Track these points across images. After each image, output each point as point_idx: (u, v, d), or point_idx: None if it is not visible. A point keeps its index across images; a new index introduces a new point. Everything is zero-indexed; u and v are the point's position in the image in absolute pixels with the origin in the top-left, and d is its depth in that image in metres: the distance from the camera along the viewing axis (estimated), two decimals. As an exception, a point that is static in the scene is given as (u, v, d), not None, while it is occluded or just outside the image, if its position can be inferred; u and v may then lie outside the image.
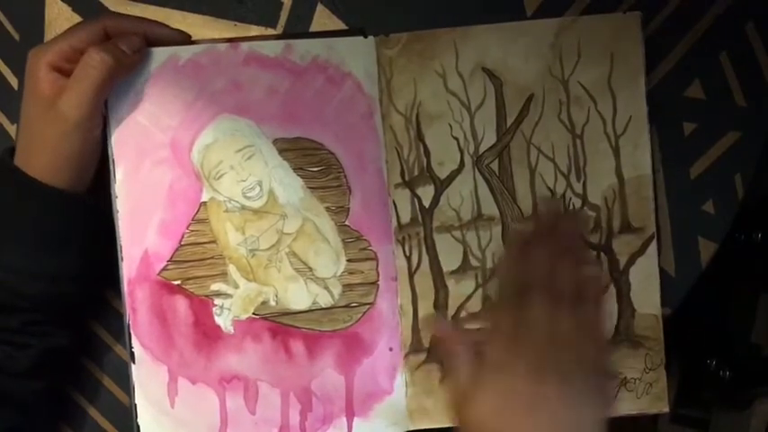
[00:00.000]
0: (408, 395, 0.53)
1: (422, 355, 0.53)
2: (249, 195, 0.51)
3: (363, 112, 0.53)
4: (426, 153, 0.53)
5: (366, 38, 0.52)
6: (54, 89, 0.47)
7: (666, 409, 0.54)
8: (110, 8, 0.54)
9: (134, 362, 0.50)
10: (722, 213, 0.56)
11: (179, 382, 0.51)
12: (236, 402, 0.51)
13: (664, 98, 0.55)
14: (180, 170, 0.51)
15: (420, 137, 0.53)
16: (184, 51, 0.51)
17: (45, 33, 0.55)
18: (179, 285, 0.51)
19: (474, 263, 0.53)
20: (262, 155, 0.52)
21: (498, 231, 0.53)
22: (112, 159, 0.50)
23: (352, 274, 0.53)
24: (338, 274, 0.52)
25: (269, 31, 0.54)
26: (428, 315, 0.53)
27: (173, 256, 0.51)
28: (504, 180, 0.53)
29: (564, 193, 0.53)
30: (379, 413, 0.53)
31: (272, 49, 0.51)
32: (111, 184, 0.50)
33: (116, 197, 0.50)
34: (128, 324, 0.50)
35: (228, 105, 0.51)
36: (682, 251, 0.56)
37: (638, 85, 0.53)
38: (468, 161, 0.53)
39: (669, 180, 0.56)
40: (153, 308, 0.51)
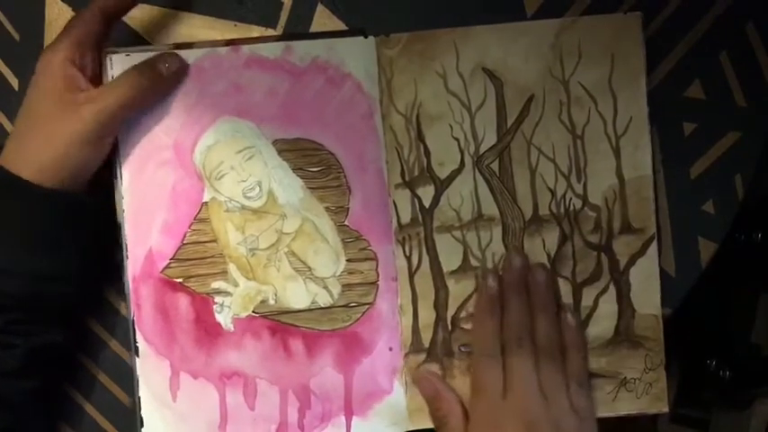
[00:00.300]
0: (408, 395, 0.53)
1: (422, 356, 0.54)
2: (249, 195, 0.52)
3: (363, 112, 0.53)
4: (426, 153, 0.53)
5: (366, 38, 0.53)
6: (72, 86, 0.48)
7: (666, 410, 0.54)
8: None
9: (138, 356, 0.52)
10: (722, 213, 0.56)
11: (181, 377, 0.52)
12: (235, 398, 0.52)
13: (664, 98, 0.55)
14: (182, 171, 0.52)
15: (420, 137, 0.53)
16: (188, 56, 0.52)
17: (45, 33, 0.55)
18: (181, 283, 0.52)
19: (474, 263, 0.54)
20: (262, 156, 0.52)
21: (499, 232, 0.53)
22: (119, 161, 0.52)
23: (351, 273, 0.53)
24: (337, 274, 0.53)
25: (269, 31, 0.55)
26: (420, 369, 0.53)
27: (175, 254, 0.52)
28: (505, 180, 0.53)
29: (564, 194, 0.53)
30: (378, 413, 0.53)
31: (272, 50, 0.52)
32: (117, 185, 0.52)
33: (122, 198, 0.52)
34: (132, 320, 0.52)
35: (229, 107, 0.52)
36: (682, 251, 0.56)
37: (638, 86, 0.53)
38: (469, 161, 0.53)
39: (669, 180, 0.55)
40: (156, 304, 0.52)
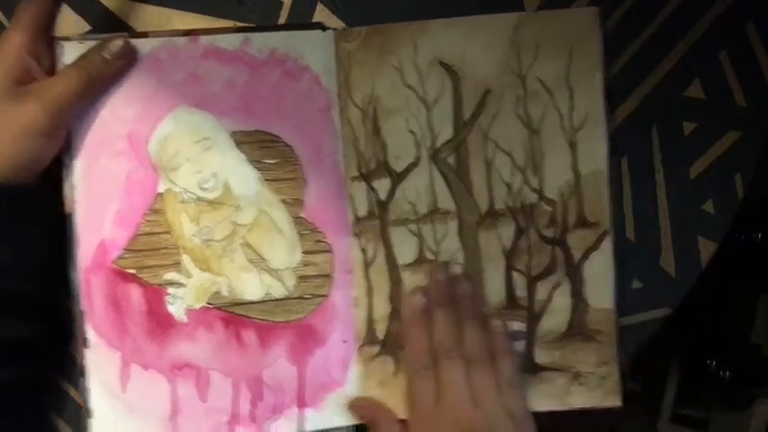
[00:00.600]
0: (362, 387, 0.53)
1: (376, 348, 0.54)
2: (205, 187, 0.52)
3: (321, 105, 0.53)
4: (383, 147, 0.53)
5: (325, 31, 0.53)
6: (25, 76, 0.47)
7: (619, 403, 0.54)
8: (109, 8, 0.55)
9: (87, 347, 0.51)
10: (722, 213, 0.56)
11: (131, 368, 0.51)
12: (187, 390, 0.52)
13: (664, 98, 0.55)
14: (137, 162, 0.52)
15: (377, 131, 0.53)
16: (144, 45, 0.51)
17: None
18: (134, 274, 0.52)
19: (430, 256, 0.54)
20: (218, 147, 0.52)
21: (454, 225, 0.54)
22: (69, 151, 0.51)
23: (306, 265, 0.53)
24: (293, 266, 0.53)
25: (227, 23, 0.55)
26: (351, 401, 0.54)
27: (128, 245, 0.52)
28: (461, 174, 0.54)
29: (520, 188, 0.54)
30: (331, 404, 0.53)
31: (230, 42, 0.52)
32: (68, 175, 0.51)
33: (73, 188, 0.51)
34: (81, 310, 0.51)
35: (186, 98, 0.52)
36: (682, 251, 0.56)
37: (595, 81, 0.53)
38: (425, 155, 0.53)
39: (669, 180, 0.56)
40: (108, 295, 0.51)
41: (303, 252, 0.53)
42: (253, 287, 0.52)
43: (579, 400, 0.54)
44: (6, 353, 0.49)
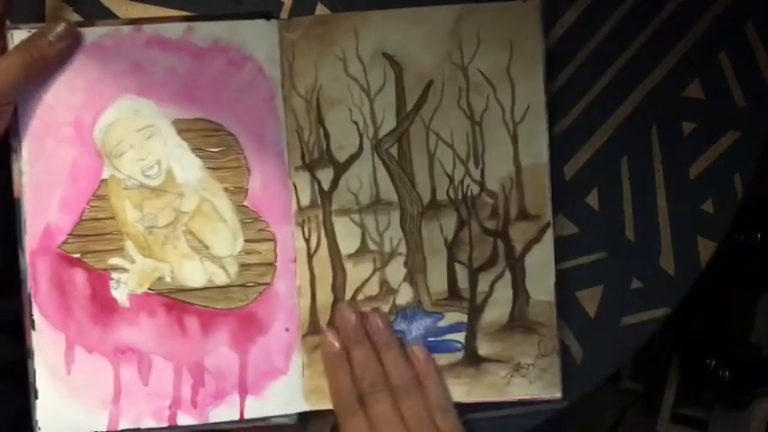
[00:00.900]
0: (305, 376, 0.54)
1: (319, 337, 0.54)
2: (148, 174, 0.53)
3: (265, 95, 0.53)
4: (326, 136, 0.54)
5: (269, 21, 0.53)
6: None
7: (559, 395, 0.54)
8: (109, 9, 0.55)
9: (34, 329, 0.52)
10: (722, 213, 0.56)
11: (75, 351, 0.52)
12: (129, 373, 0.53)
13: (663, 98, 0.55)
14: (82, 148, 0.52)
15: (320, 120, 0.54)
16: (90, 34, 0.52)
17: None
18: (78, 258, 0.53)
19: (372, 246, 0.54)
20: (161, 135, 0.53)
21: (397, 216, 0.54)
22: (18, 137, 0.52)
23: (249, 254, 0.54)
24: (235, 254, 0.53)
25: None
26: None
27: (73, 230, 0.52)
28: (403, 165, 0.54)
29: (462, 180, 0.54)
30: (273, 392, 0.54)
31: (173, 31, 0.53)
32: (16, 160, 0.52)
33: (21, 173, 0.52)
34: (29, 294, 0.52)
35: (130, 86, 0.52)
36: (681, 251, 0.56)
37: (536, 74, 0.53)
38: (368, 145, 0.54)
39: (668, 180, 0.56)
40: (53, 279, 0.52)
41: (246, 240, 0.54)
42: (195, 274, 0.53)
43: (519, 391, 0.54)
44: None
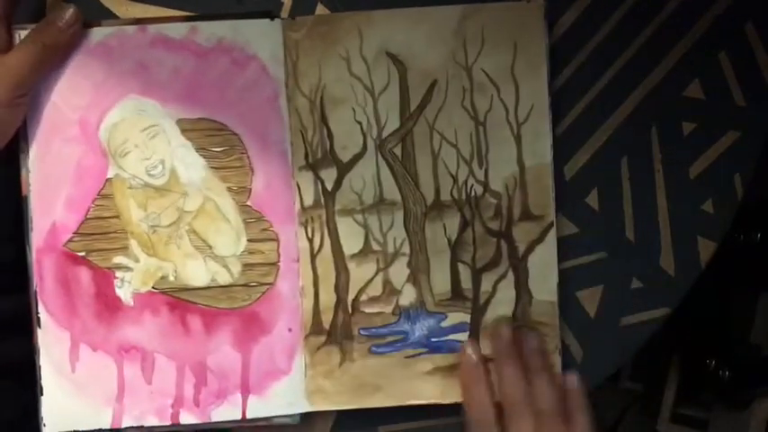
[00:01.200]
0: (307, 376, 0.54)
1: (322, 338, 0.54)
2: (152, 173, 0.53)
3: (268, 94, 0.53)
4: (330, 136, 0.54)
5: (272, 20, 0.53)
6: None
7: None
8: (110, 9, 0.55)
9: (39, 326, 0.53)
10: (722, 213, 0.56)
11: (80, 349, 0.53)
12: (133, 372, 0.53)
13: (663, 98, 0.55)
14: (87, 147, 0.53)
15: (324, 120, 0.54)
16: (95, 34, 0.52)
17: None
18: (83, 257, 0.53)
19: (375, 247, 0.54)
20: (165, 134, 0.53)
21: (400, 216, 0.54)
22: (26, 136, 0.53)
23: (252, 253, 0.54)
24: (238, 254, 0.54)
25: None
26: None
27: (78, 228, 0.53)
28: (407, 165, 0.54)
29: (466, 180, 0.53)
30: (276, 392, 0.54)
31: (177, 31, 0.53)
32: (24, 159, 0.53)
33: (29, 171, 0.53)
34: (34, 291, 0.53)
35: (135, 86, 0.53)
36: (681, 251, 0.56)
37: (540, 75, 0.53)
38: (371, 145, 0.54)
39: (668, 180, 0.56)
40: (58, 277, 0.53)
41: (249, 240, 0.54)
42: (198, 273, 0.53)
43: (522, 392, 0.54)
44: None
